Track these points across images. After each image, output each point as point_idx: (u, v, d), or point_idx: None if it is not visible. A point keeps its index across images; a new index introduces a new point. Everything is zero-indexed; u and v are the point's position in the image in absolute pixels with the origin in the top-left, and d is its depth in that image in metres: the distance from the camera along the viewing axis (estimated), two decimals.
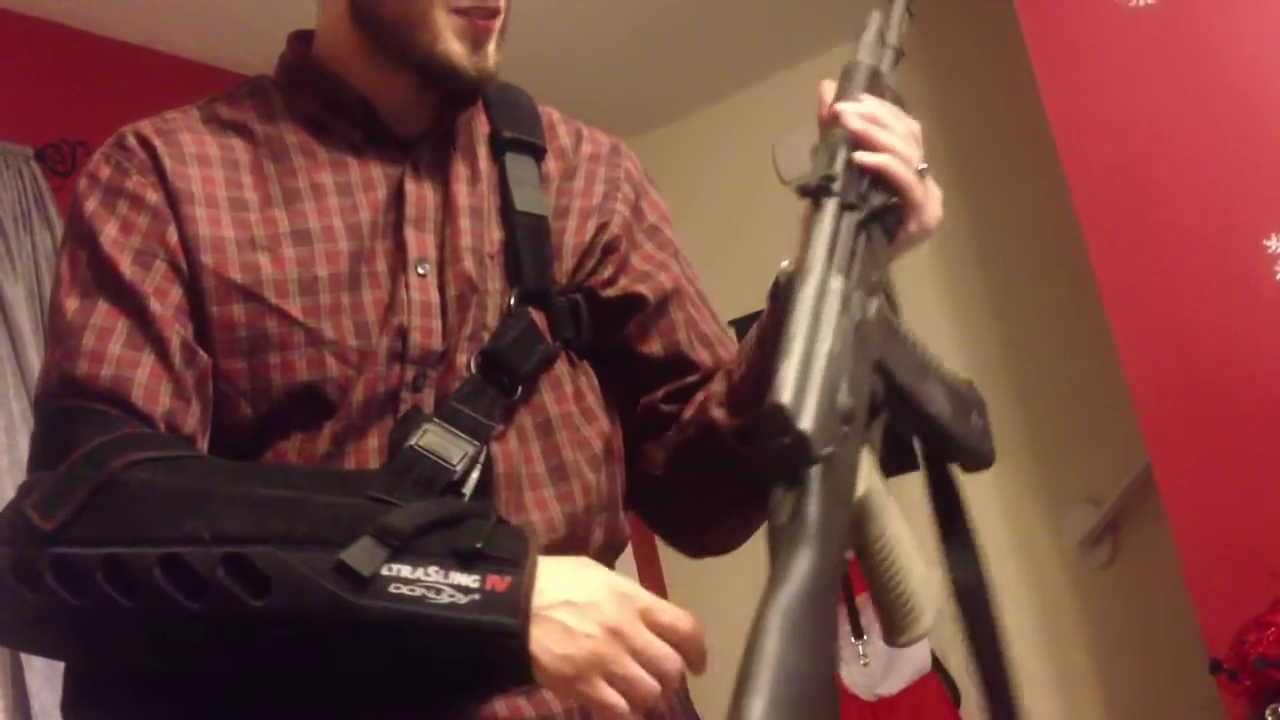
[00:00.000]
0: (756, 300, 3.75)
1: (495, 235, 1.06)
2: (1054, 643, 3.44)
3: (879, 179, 0.95)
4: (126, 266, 0.97)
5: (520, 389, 1.01)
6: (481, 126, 1.14)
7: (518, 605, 0.80)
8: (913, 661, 3.48)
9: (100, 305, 0.96)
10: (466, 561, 0.81)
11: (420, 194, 1.05)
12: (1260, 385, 2.47)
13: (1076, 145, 2.66)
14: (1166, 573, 2.82)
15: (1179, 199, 2.56)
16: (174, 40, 3.01)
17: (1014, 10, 2.76)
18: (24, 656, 2.25)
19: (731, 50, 3.71)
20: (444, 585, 0.80)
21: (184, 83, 3.08)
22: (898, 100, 1.06)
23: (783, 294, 0.96)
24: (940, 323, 3.65)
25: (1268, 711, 2.15)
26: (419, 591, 0.80)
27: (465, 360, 1.01)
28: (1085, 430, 3.37)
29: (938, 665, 3.50)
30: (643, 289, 1.14)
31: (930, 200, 1.03)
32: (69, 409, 0.93)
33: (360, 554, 0.80)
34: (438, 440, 0.95)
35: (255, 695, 0.88)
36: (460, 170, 1.08)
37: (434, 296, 1.01)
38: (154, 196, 1.00)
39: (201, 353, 0.96)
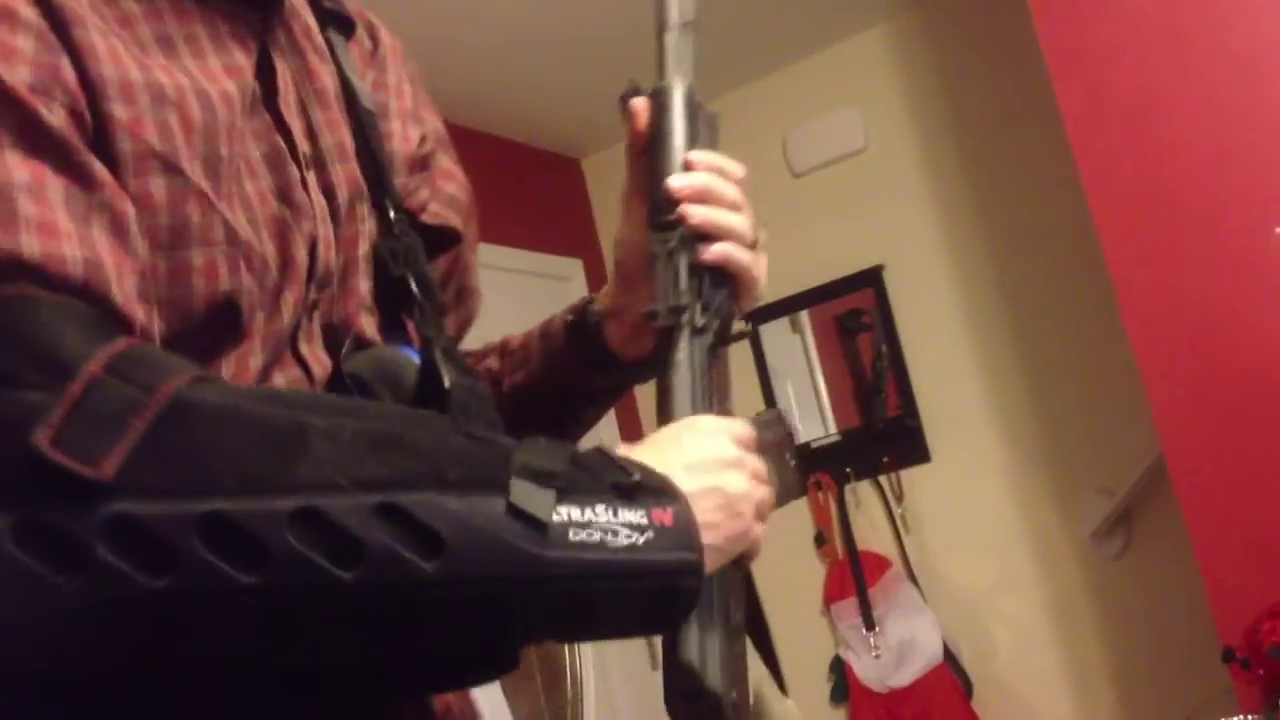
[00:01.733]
0: (766, 293, 3.74)
1: (345, 134, 0.88)
2: (1067, 633, 3.44)
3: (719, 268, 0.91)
4: (37, 106, 0.68)
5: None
6: None
7: (693, 538, 0.72)
8: (924, 653, 3.48)
9: (16, 158, 0.67)
10: (629, 496, 0.71)
11: (283, 67, 0.85)
12: (1274, 374, 2.46)
13: (1089, 134, 2.66)
14: (1180, 563, 2.82)
15: (1192, 187, 2.55)
16: None
17: (1025, 2, 2.75)
18: None
19: (741, 42, 3.70)
20: (618, 525, 0.70)
21: None
22: (710, 123, 1.01)
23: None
24: (952, 314, 3.64)
25: None
26: (597, 536, 0.69)
27: (368, 286, 0.86)
28: (1098, 421, 3.36)
29: (949, 656, 3.50)
30: (455, 220, 0.99)
31: (760, 269, 0.96)
32: (26, 300, 0.64)
33: (532, 498, 0.67)
34: (460, 380, 0.82)
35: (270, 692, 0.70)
36: (310, 43, 0.89)
37: (320, 201, 0.83)
38: (28, 12, 0.69)
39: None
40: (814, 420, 3.86)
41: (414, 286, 0.85)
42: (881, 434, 3.73)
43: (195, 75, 0.76)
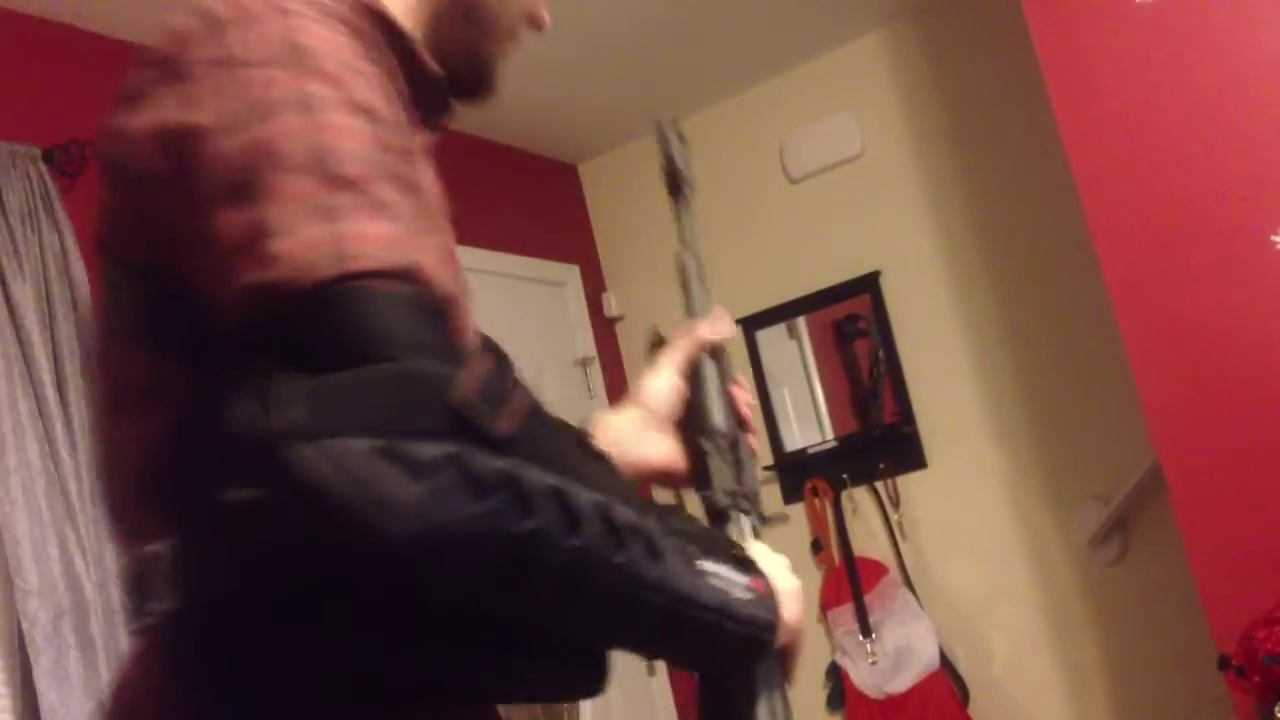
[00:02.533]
0: (763, 299, 3.77)
1: None
2: (1063, 639, 3.44)
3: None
4: (396, 141, 0.82)
5: None
6: None
7: (775, 608, 0.95)
8: (920, 659, 3.48)
9: (388, 161, 0.80)
10: (742, 565, 0.94)
11: None
12: (1268, 381, 2.46)
13: (1083, 141, 2.66)
14: (1175, 570, 2.82)
15: (1186, 195, 2.55)
16: None
17: (1021, 8, 2.75)
18: (32, 655, 2.25)
19: (738, 49, 3.70)
20: (737, 583, 0.91)
21: None
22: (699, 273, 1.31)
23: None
24: (948, 320, 3.64)
25: (1276, 708, 2.15)
26: (726, 586, 0.90)
27: None
28: (1094, 428, 3.36)
29: (945, 663, 3.50)
30: None
31: None
32: (420, 299, 0.77)
33: (685, 550, 0.88)
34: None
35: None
36: None
37: None
38: (373, 68, 0.84)
39: None
40: (811, 426, 3.86)
41: None
42: (878, 440, 3.73)
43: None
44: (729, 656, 0.95)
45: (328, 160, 0.77)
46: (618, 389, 4.09)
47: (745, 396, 1.20)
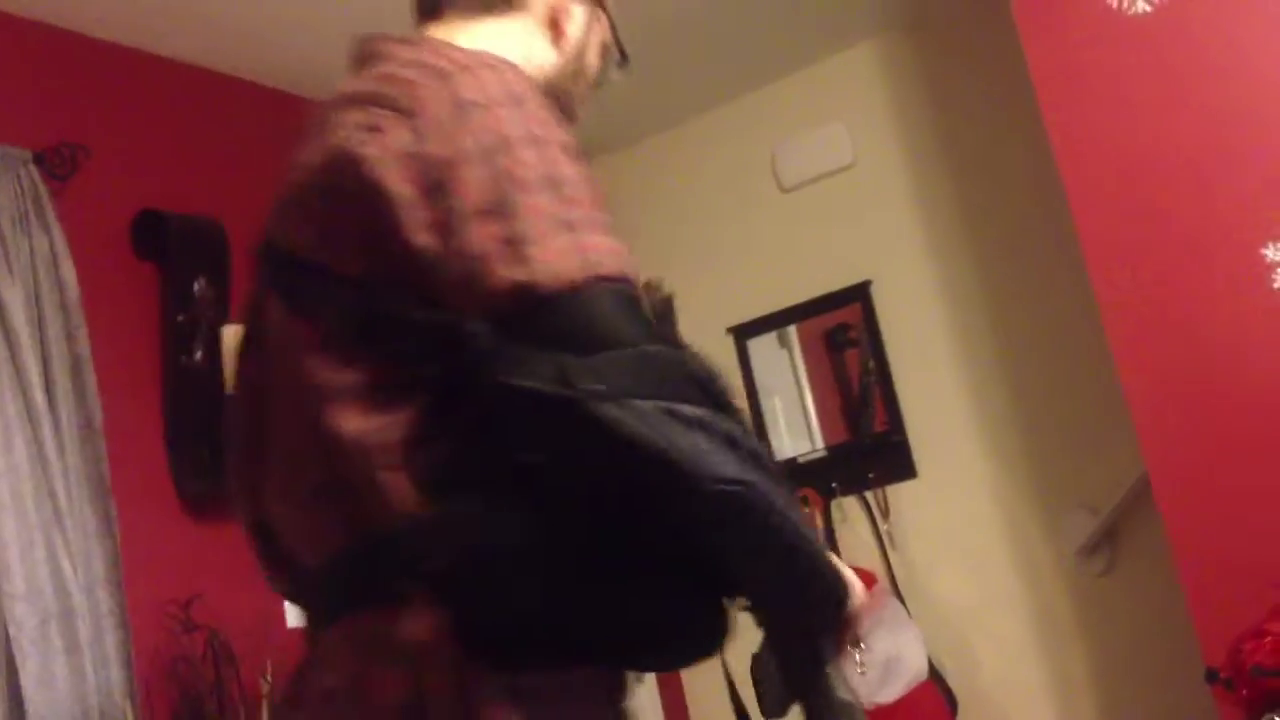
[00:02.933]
0: (754, 308, 3.76)
1: None
2: (1051, 650, 3.44)
3: None
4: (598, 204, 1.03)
5: None
6: None
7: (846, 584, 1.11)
8: (909, 669, 3.48)
9: (591, 185, 1.03)
10: (830, 547, 1.16)
11: None
12: (1257, 393, 2.47)
13: (1074, 153, 2.67)
14: (1164, 581, 2.82)
15: (1176, 207, 2.56)
16: (174, 44, 3.01)
17: (1012, 19, 2.76)
18: (18, 659, 2.24)
19: (730, 57, 3.71)
20: (823, 554, 1.06)
21: (184, 87, 3.08)
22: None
23: None
24: (939, 330, 3.65)
25: None
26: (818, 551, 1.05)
27: None
28: (1083, 438, 3.36)
29: (934, 673, 3.49)
30: None
31: None
32: (635, 297, 0.99)
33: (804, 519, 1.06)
34: None
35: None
36: None
37: None
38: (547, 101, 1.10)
39: None
40: (801, 435, 3.86)
41: None
42: (868, 449, 3.73)
43: None
44: (826, 613, 1.09)
45: (559, 185, 0.98)
46: None
47: None
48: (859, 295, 3.77)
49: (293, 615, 2.81)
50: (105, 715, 2.32)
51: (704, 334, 3.94)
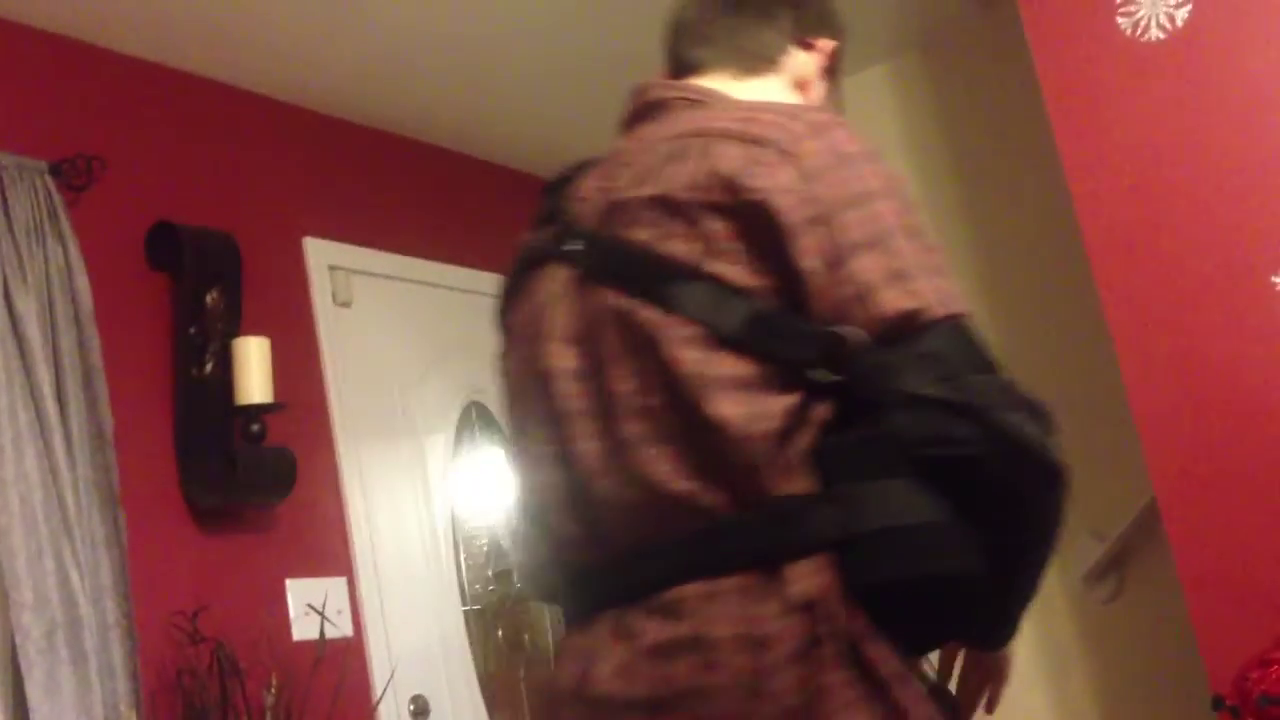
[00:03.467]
0: None
1: None
2: (1057, 676, 3.43)
3: None
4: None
5: None
6: None
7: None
8: None
9: (948, 266, 1.24)
10: None
11: None
12: (1267, 421, 2.47)
13: (1087, 178, 2.67)
14: (1171, 608, 2.81)
15: (1187, 234, 2.57)
16: (190, 58, 3.03)
17: (1026, 46, 2.77)
18: (24, 669, 2.24)
19: None
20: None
21: (199, 101, 3.10)
22: None
23: None
24: None
25: None
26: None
27: None
28: (1092, 464, 3.34)
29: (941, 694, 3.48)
30: None
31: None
32: (979, 333, 1.22)
33: None
34: None
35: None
36: None
37: None
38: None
39: None
40: None
41: None
42: None
43: None
44: (1020, 610, 1.31)
45: (919, 234, 1.21)
46: None
47: None
48: None
49: (299, 629, 2.82)
50: None
51: None
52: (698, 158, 1.22)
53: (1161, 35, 2.61)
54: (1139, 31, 2.63)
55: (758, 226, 1.17)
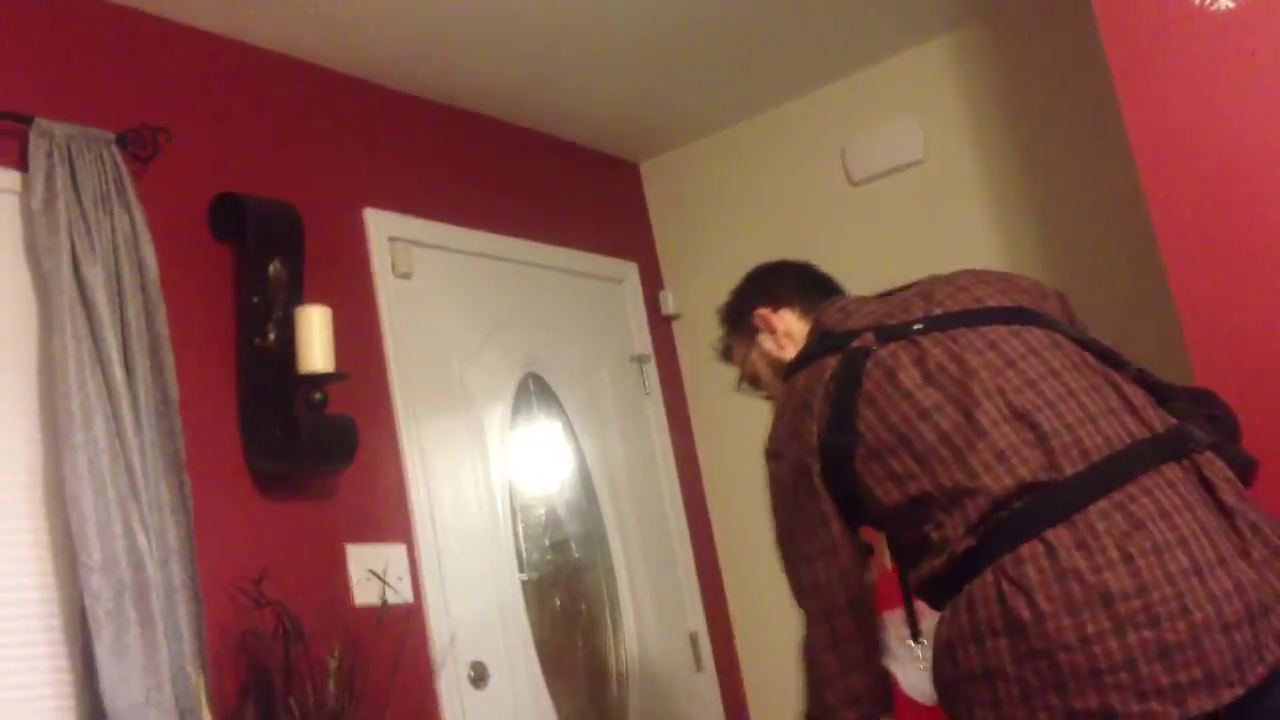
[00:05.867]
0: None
1: None
2: None
3: None
4: None
5: None
6: None
7: None
8: None
9: None
10: None
11: None
12: None
13: (1153, 148, 2.63)
14: None
15: (1259, 208, 2.52)
16: (254, 30, 3.06)
17: (1091, 13, 2.73)
18: (93, 630, 2.29)
19: (802, 51, 3.70)
20: None
21: (263, 72, 3.13)
22: None
23: None
24: None
25: None
26: None
27: None
28: None
29: None
30: None
31: None
32: None
33: None
34: None
35: None
36: None
37: None
38: None
39: None
40: None
41: None
42: None
43: None
44: None
45: None
46: (673, 387, 4.09)
47: None
48: None
49: (360, 594, 2.86)
50: (177, 686, 2.36)
51: None
52: (1018, 285, 2.06)
53: (1231, 4, 2.55)
54: (1209, 1, 2.58)
55: (1069, 310, 2.12)
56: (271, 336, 2.81)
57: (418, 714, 2.80)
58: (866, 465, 1.78)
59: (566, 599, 3.52)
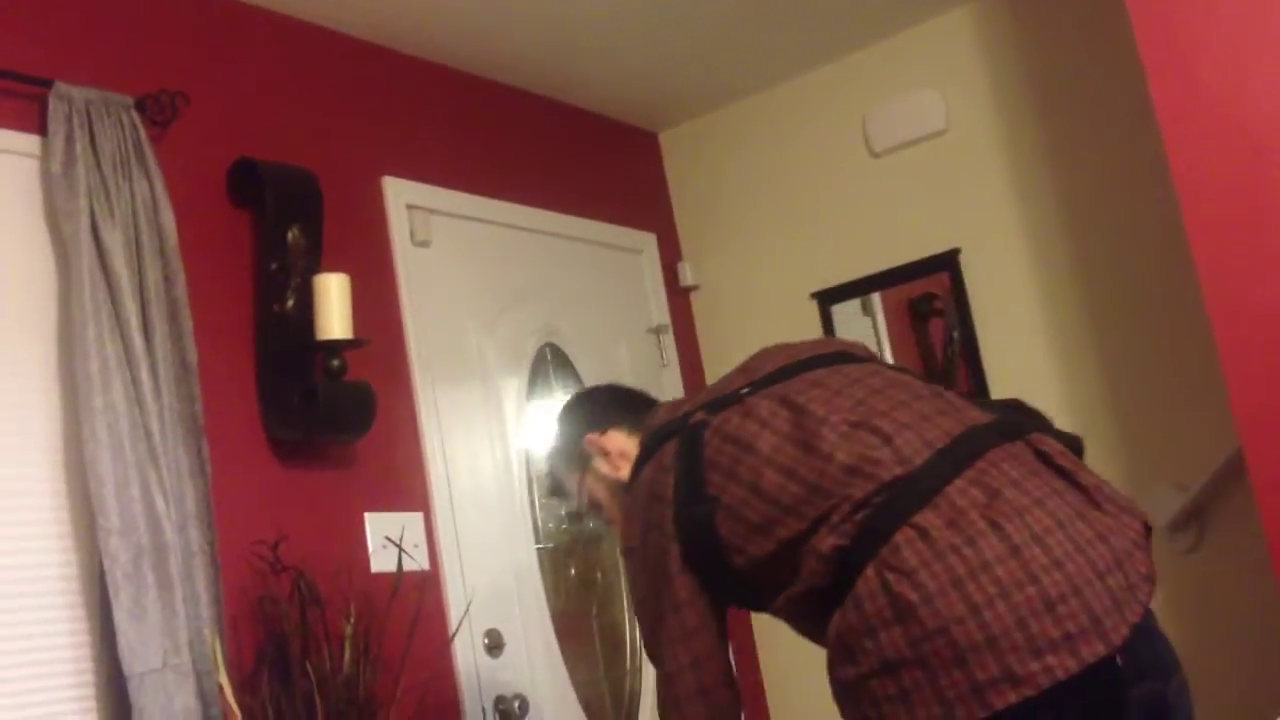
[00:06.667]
0: (839, 274, 3.74)
1: None
2: None
3: None
4: None
5: None
6: None
7: None
8: None
9: None
10: None
11: None
12: None
13: (1179, 120, 2.60)
14: (1253, 559, 2.76)
15: None
16: None
17: None
18: (112, 593, 2.30)
19: (823, 20, 3.66)
20: None
21: (281, 38, 3.11)
22: None
23: None
24: (1028, 301, 3.59)
25: None
26: None
27: None
28: (1175, 414, 3.30)
29: None
30: None
31: None
32: None
33: None
34: None
35: None
36: None
37: None
38: None
39: None
40: None
41: None
42: None
43: None
44: None
45: None
46: (690, 358, 4.08)
47: None
48: (947, 264, 3.72)
49: (377, 561, 2.87)
50: (194, 649, 2.37)
51: (788, 299, 3.93)
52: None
53: None
54: None
55: None
56: (290, 303, 2.81)
57: (433, 680, 2.81)
58: (728, 526, 1.82)
59: (582, 568, 3.53)
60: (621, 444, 2.15)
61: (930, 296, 3.79)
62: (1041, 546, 1.60)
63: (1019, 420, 1.86)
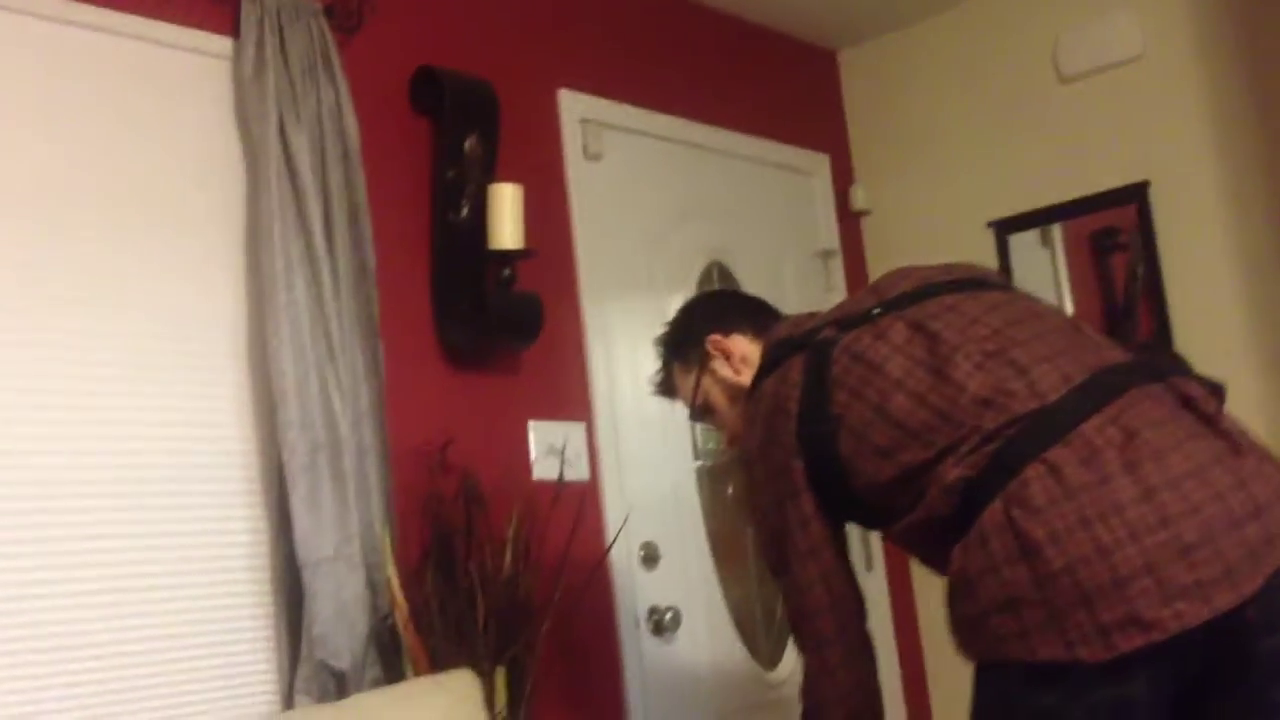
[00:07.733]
0: (1019, 203, 3.62)
1: None
2: None
3: None
4: None
5: None
6: None
7: None
8: None
9: None
10: None
11: None
12: None
13: None
14: None
15: None
16: None
17: None
18: (289, 483, 2.39)
19: None
20: None
21: None
22: None
23: None
24: (1220, 238, 3.43)
25: None
26: None
27: None
28: None
29: None
30: None
31: None
32: None
33: None
34: None
35: None
36: None
37: None
38: None
39: None
40: None
41: None
42: None
43: None
44: None
45: None
46: (858, 284, 4.02)
47: None
48: (1135, 196, 3.57)
49: (539, 469, 2.92)
50: (364, 541, 2.46)
51: (964, 227, 3.83)
52: None
53: None
54: None
55: None
56: (464, 211, 2.85)
57: (588, 588, 2.87)
58: (850, 446, 1.79)
59: (738, 488, 3.54)
60: (745, 349, 2.11)
61: (1113, 230, 3.65)
62: (1178, 491, 1.55)
63: (1160, 362, 1.80)
